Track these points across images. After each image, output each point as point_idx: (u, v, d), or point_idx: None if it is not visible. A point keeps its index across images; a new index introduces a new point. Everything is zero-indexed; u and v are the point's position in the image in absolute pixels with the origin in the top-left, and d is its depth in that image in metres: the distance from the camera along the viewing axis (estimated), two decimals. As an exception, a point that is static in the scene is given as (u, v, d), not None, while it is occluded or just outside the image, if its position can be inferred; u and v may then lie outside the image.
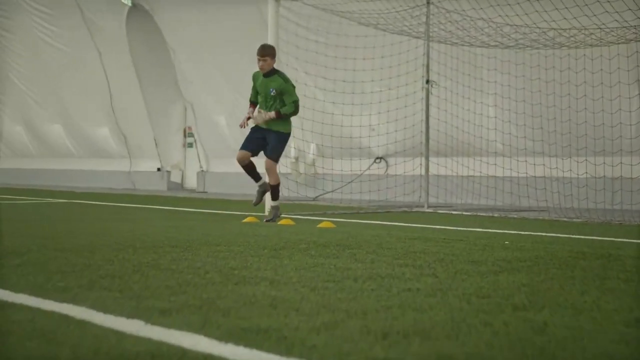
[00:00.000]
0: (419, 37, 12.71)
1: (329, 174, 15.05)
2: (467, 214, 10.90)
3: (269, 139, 8.76)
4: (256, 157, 8.97)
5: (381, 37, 13.22)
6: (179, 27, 18.32)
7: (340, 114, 14.42)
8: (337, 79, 13.50)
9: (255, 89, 8.94)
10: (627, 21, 10.08)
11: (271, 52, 8.82)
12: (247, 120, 8.96)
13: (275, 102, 8.70)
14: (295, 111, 8.74)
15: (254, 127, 8.91)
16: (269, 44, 9.38)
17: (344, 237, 6.65)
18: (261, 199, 8.99)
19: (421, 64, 12.68)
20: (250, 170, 8.91)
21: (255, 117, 8.82)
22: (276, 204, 8.93)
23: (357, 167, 14.90)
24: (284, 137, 8.82)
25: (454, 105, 13.42)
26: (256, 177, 8.95)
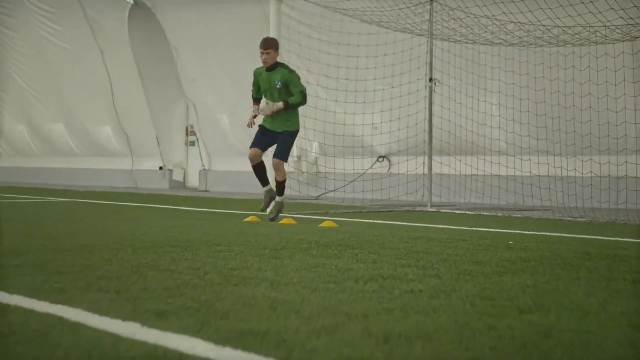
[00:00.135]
0: (422, 35, 12.65)
1: (331, 173, 15.01)
2: (471, 213, 10.84)
3: (279, 140, 8.67)
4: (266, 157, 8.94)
5: (384, 35, 13.16)
6: (182, 26, 18.28)
7: (343, 112, 14.36)
8: (340, 78, 13.44)
9: (257, 85, 8.82)
10: (632, 18, 10.01)
11: (274, 45, 8.73)
12: (254, 118, 8.86)
13: (281, 95, 8.62)
14: (303, 101, 8.61)
15: (261, 125, 8.81)
16: (272, 37, 9.32)
17: (346, 237, 6.59)
18: (269, 204, 8.86)
19: (424, 62, 12.62)
20: (260, 171, 8.82)
21: (263, 109, 8.65)
22: (281, 199, 8.88)
23: (360, 166, 14.84)
24: (293, 135, 8.74)
25: (457, 103, 13.36)
26: (264, 181, 8.86)
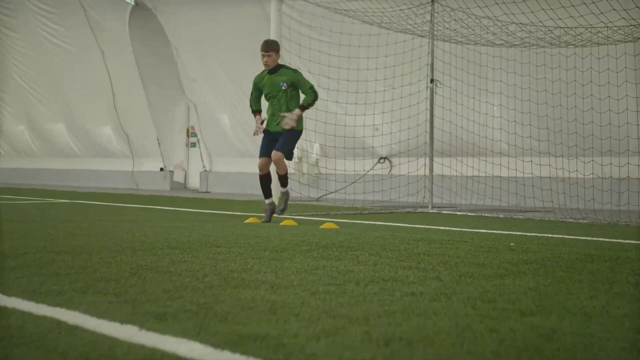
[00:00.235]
0: (423, 36, 12.62)
1: (332, 174, 14.98)
2: (472, 214, 10.81)
3: (282, 136, 8.63)
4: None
5: (385, 35, 13.13)
6: (182, 26, 18.26)
7: (343, 113, 14.33)
8: (341, 79, 13.41)
9: (258, 91, 8.77)
10: (634, 19, 9.97)
11: (275, 47, 8.70)
12: (261, 123, 8.70)
13: (287, 97, 8.59)
14: (315, 96, 8.61)
15: (266, 130, 8.77)
16: (273, 39, 9.28)
17: (346, 239, 6.55)
18: (270, 219, 8.80)
19: (425, 63, 12.58)
20: (266, 182, 8.82)
21: (286, 122, 8.53)
22: (286, 189, 8.88)
23: (361, 167, 14.81)
24: (296, 134, 8.71)
25: (458, 104, 13.33)
26: (267, 193, 8.85)
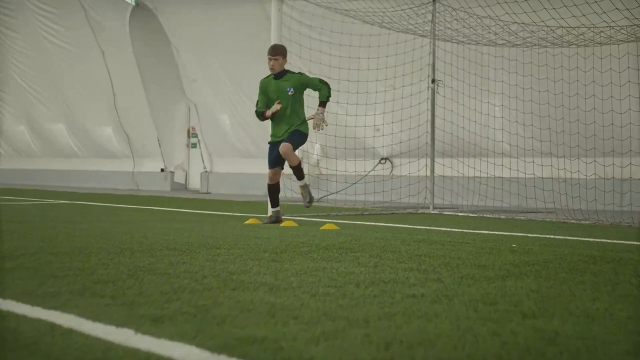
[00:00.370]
0: (424, 36, 12.58)
1: (333, 175, 14.94)
2: (473, 215, 10.76)
3: (289, 134, 8.61)
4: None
5: (386, 35, 13.09)
6: (183, 26, 18.22)
7: (344, 114, 14.29)
8: (342, 79, 13.37)
9: (265, 95, 8.72)
10: (637, 18, 9.93)
11: (282, 52, 8.71)
12: (277, 104, 8.60)
13: (295, 101, 8.59)
14: (328, 87, 8.65)
15: (270, 142, 8.77)
16: (280, 44, 9.25)
17: (347, 240, 6.51)
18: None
19: (427, 63, 12.54)
20: (274, 192, 8.79)
21: (317, 124, 8.51)
22: (303, 182, 8.80)
23: (362, 167, 14.77)
24: (303, 136, 8.71)
25: (460, 105, 13.28)
26: (275, 202, 8.81)
